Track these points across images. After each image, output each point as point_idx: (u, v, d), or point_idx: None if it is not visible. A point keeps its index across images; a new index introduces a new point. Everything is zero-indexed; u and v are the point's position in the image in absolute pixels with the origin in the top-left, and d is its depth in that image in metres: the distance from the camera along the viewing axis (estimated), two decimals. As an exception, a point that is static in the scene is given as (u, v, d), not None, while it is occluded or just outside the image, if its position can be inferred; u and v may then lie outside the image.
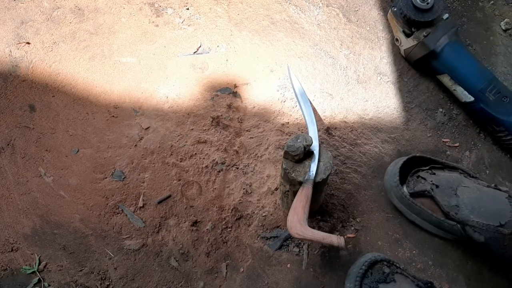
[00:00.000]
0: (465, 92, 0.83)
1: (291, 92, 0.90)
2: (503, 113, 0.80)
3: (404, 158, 0.77)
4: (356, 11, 1.01)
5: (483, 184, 0.72)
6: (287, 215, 0.78)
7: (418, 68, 0.93)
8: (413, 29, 0.87)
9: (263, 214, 0.79)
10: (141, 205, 0.80)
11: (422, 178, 0.75)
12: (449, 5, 1.01)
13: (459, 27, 0.97)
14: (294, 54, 0.96)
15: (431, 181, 0.74)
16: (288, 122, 0.87)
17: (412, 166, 0.77)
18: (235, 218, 0.79)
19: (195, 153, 0.85)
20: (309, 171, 0.64)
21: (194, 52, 0.96)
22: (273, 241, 0.77)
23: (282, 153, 0.76)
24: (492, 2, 1.01)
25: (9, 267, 0.76)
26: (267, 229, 0.78)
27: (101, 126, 0.88)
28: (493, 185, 0.72)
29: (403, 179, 0.77)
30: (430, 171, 0.76)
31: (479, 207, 0.69)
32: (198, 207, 0.80)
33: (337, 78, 0.93)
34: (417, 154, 0.78)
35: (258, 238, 0.77)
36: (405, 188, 0.76)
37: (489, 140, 0.86)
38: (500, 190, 0.70)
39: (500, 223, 0.66)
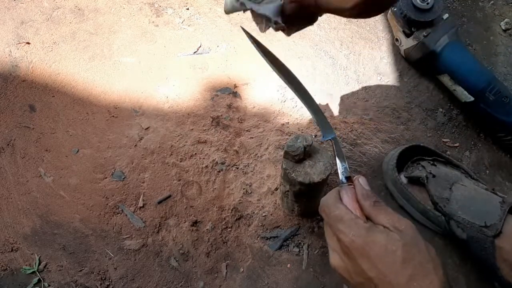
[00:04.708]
0: (465, 92, 0.83)
1: (291, 92, 0.90)
2: (503, 113, 0.80)
3: (407, 145, 0.78)
4: (356, 11, 1.01)
5: (481, 187, 0.72)
6: (287, 215, 0.79)
7: (418, 68, 0.93)
8: (413, 29, 0.87)
9: (263, 214, 0.79)
10: (141, 205, 0.80)
11: (422, 166, 0.75)
12: (449, 5, 1.01)
13: (459, 27, 0.97)
14: (294, 54, 0.96)
15: (430, 171, 0.74)
16: (288, 122, 0.87)
17: (415, 157, 0.78)
18: (235, 218, 0.79)
19: (195, 153, 0.85)
20: (341, 170, 0.50)
21: (194, 52, 0.96)
22: (273, 241, 0.77)
23: (282, 153, 0.76)
24: (492, 2, 1.01)
25: (9, 267, 0.76)
26: (267, 229, 0.78)
27: (101, 126, 0.88)
28: (491, 189, 0.72)
29: (401, 166, 0.77)
30: (431, 162, 0.76)
31: (469, 205, 0.69)
32: (198, 207, 0.80)
33: (337, 78, 0.93)
34: (421, 144, 0.78)
35: (258, 238, 0.77)
36: (402, 173, 0.76)
37: (489, 140, 0.86)
38: (496, 194, 0.70)
39: (485, 223, 0.65)
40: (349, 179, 0.48)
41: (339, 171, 0.48)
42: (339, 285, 0.73)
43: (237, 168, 0.83)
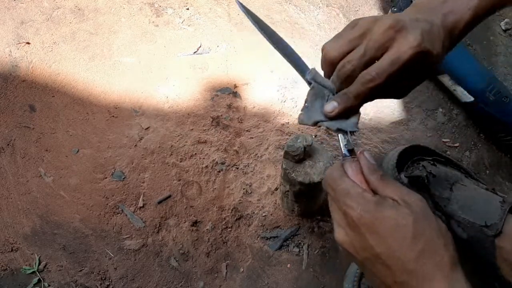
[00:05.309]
0: (465, 92, 0.83)
1: (291, 92, 0.90)
2: (503, 113, 0.80)
3: (407, 145, 0.78)
4: (356, 11, 1.01)
5: (481, 187, 0.72)
6: (287, 215, 0.79)
7: (418, 68, 0.93)
8: (413, 29, 0.87)
9: (263, 214, 0.79)
10: (141, 205, 0.80)
11: (422, 166, 0.75)
12: (449, 5, 1.01)
13: (459, 27, 0.97)
14: (294, 54, 0.95)
15: (430, 170, 0.74)
16: (288, 122, 0.87)
17: (415, 157, 0.78)
18: (235, 218, 0.79)
19: (195, 153, 0.85)
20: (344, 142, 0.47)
21: (194, 52, 0.96)
22: (273, 241, 0.77)
23: (282, 153, 0.76)
24: (492, 2, 1.01)
25: (9, 267, 0.76)
26: (267, 229, 0.78)
27: (101, 126, 0.88)
28: (491, 188, 0.72)
29: (402, 166, 0.77)
30: (432, 162, 0.76)
31: (470, 205, 0.69)
32: (198, 207, 0.80)
33: (337, 78, 0.93)
34: (421, 144, 0.78)
35: (258, 238, 0.77)
36: (403, 173, 0.76)
37: (489, 140, 0.86)
38: (497, 194, 0.70)
39: (486, 223, 0.65)
40: (352, 152, 0.46)
41: (341, 144, 0.46)
42: (339, 285, 0.73)
43: (237, 168, 0.83)
